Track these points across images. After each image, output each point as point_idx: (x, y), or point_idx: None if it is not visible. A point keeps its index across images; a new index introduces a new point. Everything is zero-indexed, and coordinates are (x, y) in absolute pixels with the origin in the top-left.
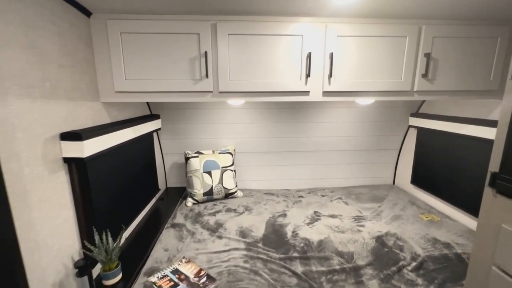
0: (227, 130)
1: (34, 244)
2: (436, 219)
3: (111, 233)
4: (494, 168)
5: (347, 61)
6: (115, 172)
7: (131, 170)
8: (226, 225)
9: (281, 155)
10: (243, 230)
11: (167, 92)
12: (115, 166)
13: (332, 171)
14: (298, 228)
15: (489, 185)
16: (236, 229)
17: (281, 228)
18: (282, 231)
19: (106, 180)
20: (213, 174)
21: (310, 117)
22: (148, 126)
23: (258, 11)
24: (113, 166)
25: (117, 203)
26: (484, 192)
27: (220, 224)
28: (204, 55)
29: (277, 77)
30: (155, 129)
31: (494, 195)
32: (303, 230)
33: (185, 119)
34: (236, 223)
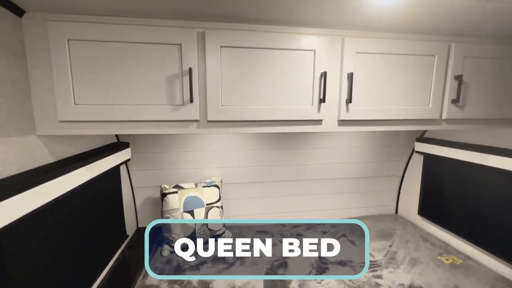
0: (212, 159)
1: None
2: (458, 262)
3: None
4: None
5: (368, 83)
6: (58, 233)
7: (85, 221)
8: (214, 285)
9: (274, 185)
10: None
11: (135, 122)
12: (57, 225)
13: (331, 202)
14: (304, 285)
15: None
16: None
17: (284, 286)
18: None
19: (41, 251)
20: (196, 213)
21: (306, 143)
22: (113, 160)
23: (260, 19)
24: (52, 226)
25: (62, 275)
26: None
27: (206, 284)
28: (188, 72)
29: (284, 102)
30: (122, 161)
31: None
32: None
33: (162, 147)
34: (226, 283)
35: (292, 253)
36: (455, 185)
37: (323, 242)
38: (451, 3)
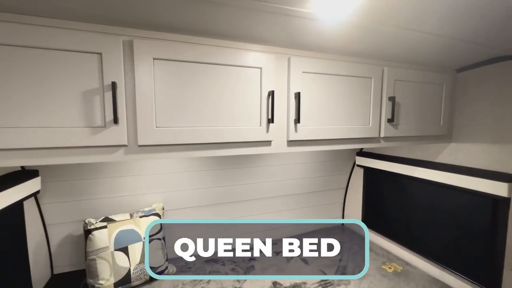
0: (152, 183)
1: None
2: (399, 269)
3: None
4: None
5: (315, 103)
6: None
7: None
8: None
9: (224, 207)
10: None
11: (40, 149)
12: None
13: (284, 219)
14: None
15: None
16: None
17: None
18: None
19: None
20: (131, 250)
21: (255, 162)
22: (11, 195)
23: (201, 31)
24: None
25: None
26: (504, 275)
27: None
28: (111, 87)
29: (230, 122)
30: (28, 194)
31: None
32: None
33: (85, 173)
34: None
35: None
36: (391, 195)
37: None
38: (380, 30)
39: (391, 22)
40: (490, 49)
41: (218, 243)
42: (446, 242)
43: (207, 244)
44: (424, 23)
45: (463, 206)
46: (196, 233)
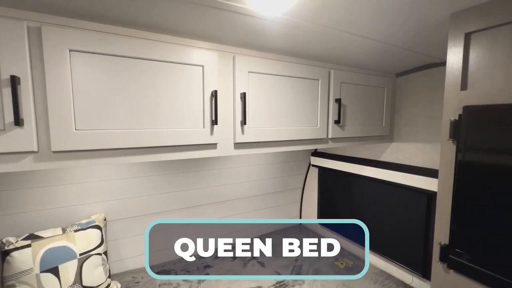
0: (88, 191)
1: None
2: (350, 264)
3: None
4: (442, 239)
5: (262, 104)
6: None
7: None
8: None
9: (177, 214)
10: None
11: None
12: None
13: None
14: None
15: (440, 260)
16: None
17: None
18: None
19: None
20: (63, 270)
21: (209, 164)
22: None
23: (132, 21)
24: None
25: None
26: (432, 266)
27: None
28: (10, 82)
29: (170, 124)
30: None
31: (446, 271)
32: None
33: (3, 182)
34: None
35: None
36: (343, 193)
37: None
38: (323, 32)
39: (321, 21)
40: (423, 56)
41: (170, 252)
42: (390, 235)
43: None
44: (352, 25)
45: (404, 201)
46: (143, 246)
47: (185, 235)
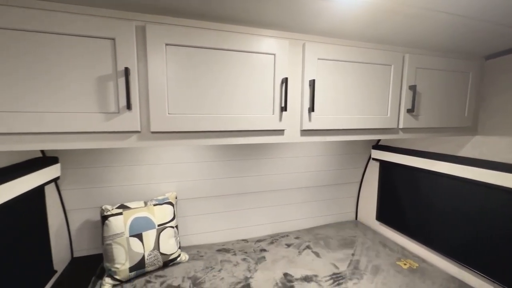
0: (165, 172)
1: None
2: (415, 266)
3: None
4: None
5: (330, 91)
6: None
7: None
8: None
9: (236, 198)
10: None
11: (57, 134)
12: None
13: (294, 212)
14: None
15: None
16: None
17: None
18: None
19: None
20: (145, 237)
21: (267, 153)
22: (33, 179)
23: (214, 16)
24: None
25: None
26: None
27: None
28: (124, 73)
29: (242, 110)
30: (48, 180)
31: None
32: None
33: (102, 161)
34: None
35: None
36: (408, 190)
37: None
38: (404, 12)
39: (418, 3)
40: None
41: (230, 233)
42: (467, 239)
43: (220, 233)
44: (441, 2)
45: (489, 203)
46: (211, 222)
47: (244, 219)
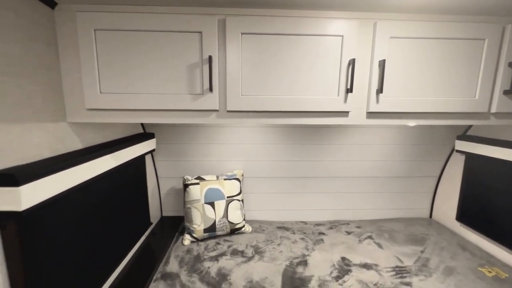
0: (234, 152)
1: None
2: (503, 275)
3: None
4: None
5: (402, 71)
6: (85, 216)
7: (110, 207)
8: (232, 277)
9: (298, 181)
10: (253, 286)
11: (156, 111)
12: (85, 208)
13: (358, 201)
14: (325, 286)
15: None
16: (245, 285)
17: (303, 285)
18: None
19: (68, 232)
20: (217, 205)
21: (334, 138)
22: (138, 149)
23: (283, 3)
24: (80, 209)
25: (85, 257)
26: None
27: (224, 276)
28: (208, 61)
29: (308, 92)
30: (148, 151)
31: None
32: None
33: (185, 139)
34: (244, 274)
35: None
36: (502, 189)
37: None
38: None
39: None
40: None
41: (290, 214)
42: None
43: (280, 212)
44: None
45: None
46: (272, 201)
47: (305, 202)
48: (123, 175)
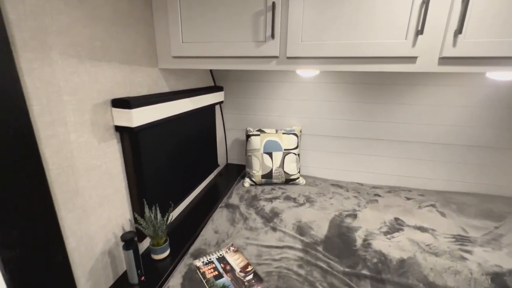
0: (294, 108)
1: (81, 212)
2: None
3: (161, 209)
4: None
5: (489, 6)
6: (171, 145)
7: (188, 144)
8: (283, 216)
9: (357, 142)
10: (302, 225)
11: (225, 58)
12: (171, 139)
13: (424, 169)
14: (371, 237)
15: None
16: (294, 223)
17: (349, 232)
18: (350, 237)
19: (160, 153)
20: (274, 156)
21: (403, 97)
22: (210, 98)
23: None
24: (168, 138)
25: (171, 177)
26: None
27: (276, 214)
28: (271, 7)
29: (370, 36)
30: (217, 101)
31: None
32: (378, 241)
33: (249, 93)
34: (294, 215)
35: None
36: None
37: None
38: None
39: None
40: None
41: (345, 174)
42: None
43: (336, 172)
44: None
45: None
46: (329, 159)
47: (363, 164)
48: (198, 119)
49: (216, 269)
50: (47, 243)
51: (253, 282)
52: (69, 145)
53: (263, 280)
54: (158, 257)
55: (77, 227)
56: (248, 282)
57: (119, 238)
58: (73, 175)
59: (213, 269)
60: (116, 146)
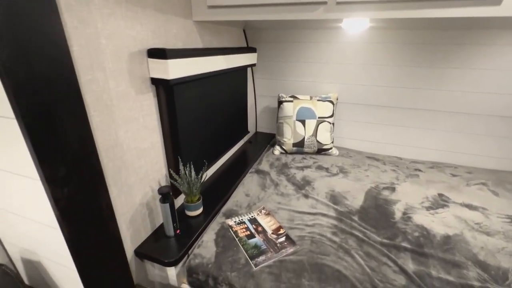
0: (331, 73)
1: (121, 162)
2: None
3: (195, 168)
4: None
5: None
6: (204, 105)
7: (220, 105)
8: (315, 184)
9: (399, 112)
10: (335, 195)
11: (263, 6)
12: (204, 98)
13: (474, 145)
14: (411, 211)
15: None
16: (327, 192)
17: (387, 205)
18: (388, 209)
19: (194, 112)
20: (307, 124)
21: (465, 60)
22: (243, 59)
23: None
24: (202, 97)
25: (204, 137)
26: None
27: (308, 182)
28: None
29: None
30: (249, 63)
31: None
32: (419, 215)
33: (283, 56)
34: (327, 185)
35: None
36: None
37: None
38: None
39: None
40: None
41: (383, 147)
42: None
43: (373, 144)
44: None
45: None
46: (365, 131)
47: (403, 137)
48: (231, 81)
49: (248, 229)
50: (93, 185)
51: (286, 244)
52: (108, 92)
53: (295, 243)
54: (192, 214)
55: (117, 176)
56: (280, 244)
57: (156, 192)
58: (113, 124)
59: (245, 229)
60: (152, 99)
